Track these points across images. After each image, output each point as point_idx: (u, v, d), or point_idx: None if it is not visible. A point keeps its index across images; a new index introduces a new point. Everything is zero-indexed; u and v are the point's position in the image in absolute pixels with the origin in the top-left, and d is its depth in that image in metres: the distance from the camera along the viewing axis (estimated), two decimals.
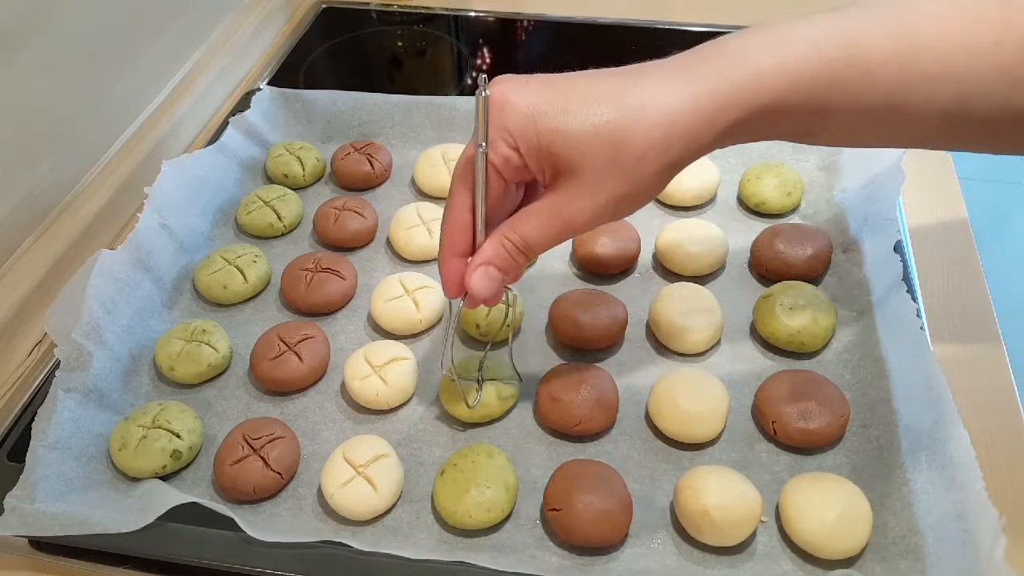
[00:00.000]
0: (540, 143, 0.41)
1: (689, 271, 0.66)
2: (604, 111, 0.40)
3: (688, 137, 0.40)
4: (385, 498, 0.51)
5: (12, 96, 0.63)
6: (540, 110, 0.41)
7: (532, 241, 0.45)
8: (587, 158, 0.41)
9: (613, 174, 0.41)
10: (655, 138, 0.40)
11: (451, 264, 0.47)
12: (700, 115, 0.39)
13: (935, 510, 0.47)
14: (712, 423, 0.54)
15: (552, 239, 0.44)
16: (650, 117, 0.40)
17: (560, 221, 0.44)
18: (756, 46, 0.40)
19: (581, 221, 0.43)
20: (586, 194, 0.42)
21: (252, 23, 0.93)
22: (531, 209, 0.45)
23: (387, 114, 0.81)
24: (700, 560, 0.49)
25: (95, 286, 0.59)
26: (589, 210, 0.42)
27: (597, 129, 0.40)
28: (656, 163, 0.41)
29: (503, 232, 0.45)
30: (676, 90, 0.40)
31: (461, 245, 0.46)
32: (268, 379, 0.59)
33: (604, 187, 0.41)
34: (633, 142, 0.40)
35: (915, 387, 0.53)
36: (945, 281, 0.66)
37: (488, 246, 0.45)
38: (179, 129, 0.81)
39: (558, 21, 1.01)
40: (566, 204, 0.43)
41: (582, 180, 0.42)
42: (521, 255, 0.45)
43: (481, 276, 0.46)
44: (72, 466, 0.53)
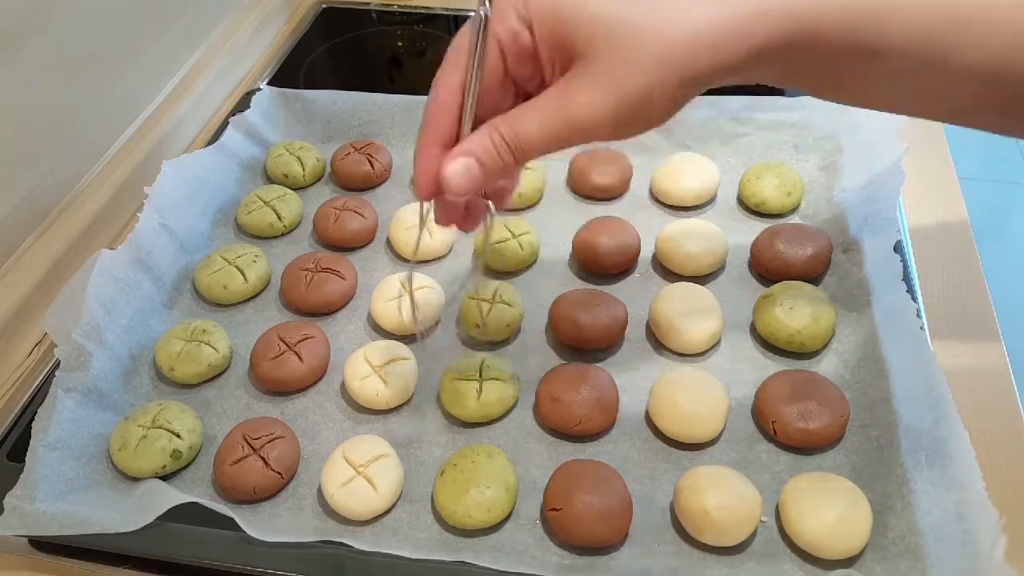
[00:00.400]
0: (559, 19, 0.37)
1: (689, 271, 0.66)
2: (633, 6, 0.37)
3: (715, 50, 0.37)
4: (385, 498, 0.51)
5: (12, 96, 0.63)
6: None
7: (526, 138, 0.39)
8: (606, 44, 0.37)
9: (631, 69, 0.37)
10: (680, 43, 0.37)
11: (430, 153, 0.41)
12: (731, 28, 0.37)
13: (935, 510, 0.47)
14: (712, 423, 0.54)
15: (550, 139, 0.39)
16: (680, 21, 0.37)
17: (563, 116, 0.38)
18: None
19: (586, 119, 0.38)
20: (596, 87, 0.37)
21: (252, 23, 0.93)
22: (529, 104, 0.39)
23: (387, 114, 0.81)
24: (700, 560, 0.49)
25: (95, 286, 0.59)
26: (595, 106, 0.38)
27: (622, 16, 0.37)
28: (679, 71, 0.37)
29: (495, 124, 0.39)
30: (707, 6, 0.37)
31: (444, 131, 0.41)
32: (268, 379, 0.59)
33: (617, 82, 0.37)
34: (658, 39, 0.36)
35: (915, 387, 0.53)
36: (945, 281, 0.66)
37: (474, 137, 0.40)
38: (179, 129, 0.81)
39: None
40: (570, 95, 0.38)
41: (593, 71, 0.37)
42: (510, 154, 0.40)
43: (459, 167, 0.39)
44: (72, 466, 0.53)
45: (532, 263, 0.69)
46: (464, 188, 0.40)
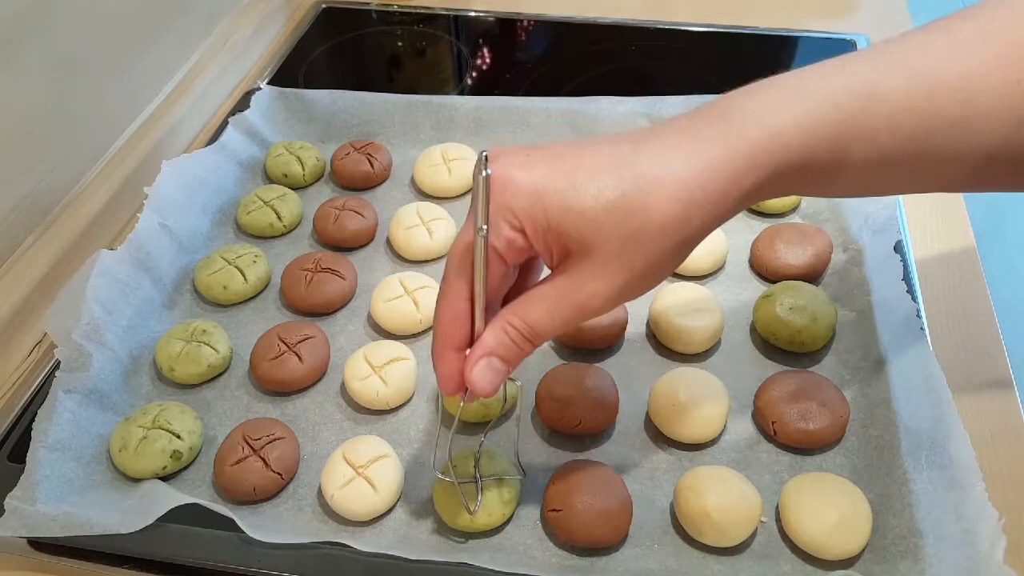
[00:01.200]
0: (549, 223, 0.38)
1: (689, 271, 0.66)
2: (617, 184, 0.37)
3: (708, 207, 0.37)
4: (385, 499, 0.51)
5: (12, 96, 0.63)
6: (547, 187, 0.37)
7: (540, 328, 0.40)
8: (602, 236, 0.37)
9: (630, 252, 0.37)
10: (675, 211, 0.36)
11: (448, 359, 0.42)
12: (720, 182, 0.37)
13: (935, 510, 0.47)
14: (712, 423, 0.54)
15: (562, 325, 0.40)
16: (668, 188, 0.36)
17: (572, 305, 0.39)
18: (768, 105, 0.37)
19: (596, 305, 0.39)
20: (601, 275, 0.38)
21: (252, 23, 0.93)
22: (537, 293, 0.40)
23: (387, 114, 0.81)
24: (700, 560, 0.49)
25: (95, 286, 0.59)
26: (605, 293, 0.39)
27: (612, 204, 0.36)
28: (676, 237, 0.37)
29: (506, 319, 0.40)
30: (691, 156, 0.37)
31: (458, 338, 0.41)
32: (268, 379, 0.59)
33: (621, 267, 0.38)
34: (651, 216, 0.36)
35: (915, 387, 0.53)
36: (945, 281, 0.66)
37: (489, 335, 0.41)
38: (179, 129, 0.81)
39: (558, 21, 1.01)
40: (578, 287, 0.39)
41: (596, 260, 0.38)
42: (527, 343, 0.41)
43: (483, 368, 0.41)
44: (72, 467, 0.53)
45: None
46: (491, 386, 0.41)
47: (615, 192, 0.37)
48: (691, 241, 0.38)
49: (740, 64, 0.92)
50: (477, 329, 0.41)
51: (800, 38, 0.94)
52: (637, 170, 0.37)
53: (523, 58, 0.98)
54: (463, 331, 0.41)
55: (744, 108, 0.38)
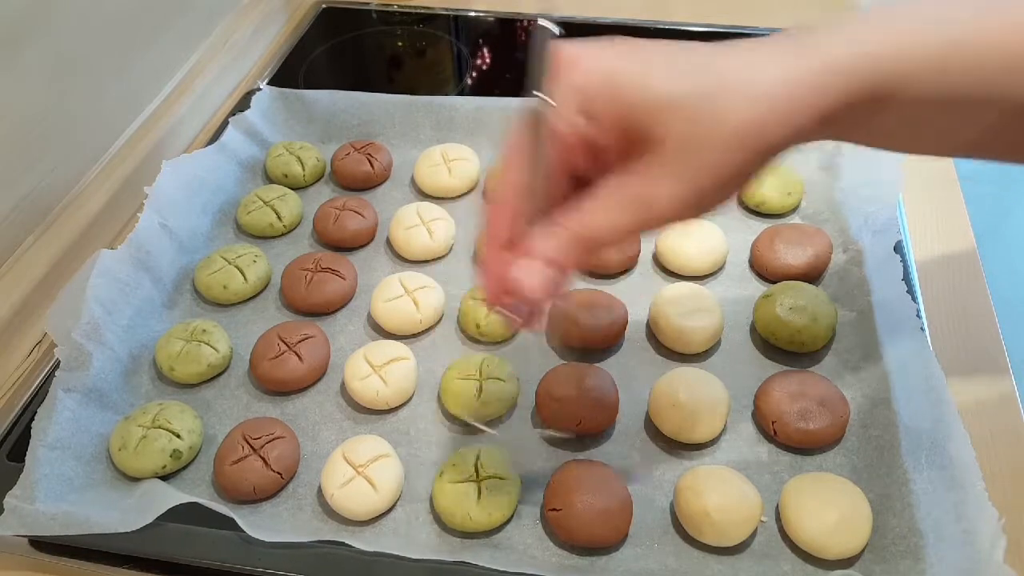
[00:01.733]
0: (620, 107, 0.34)
1: (689, 271, 0.66)
2: (697, 76, 0.34)
3: (786, 118, 0.34)
4: (385, 498, 0.51)
5: (12, 96, 0.63)
6: (622, 66, 0.34)
7: (599, 232, 0.36)
8: (674, 127, 0.34)
9: (704, 148, 0.34)
10: (752, 114, 0.34)
11: (496, 258, 0.38)
12: (803, 92, 0.34)
13: (935, 510, 0.47)
14: (712, 423, 0.54)
15: (625, 230, 0.36)
16: (749, 88, 0.34)
17: (634, 206, 0.35)
18: (857, 28, 0.35)
19: (661, 207, 0.35)
20: (669, 172, 0.35)
21: (252, 23, 0.93)
22: (597, 193, 0.36)
23: (387, 114, 0.81)
24: (700, 560, 0.49)
25: (95, 286, 0.59)
26: (671, 193, 0.35)
27: (687, 94, 0.34)
28: (750, 145, 0.34)
29: (561, 220, 0.37)
30: (775, 63, 0.34)
31: (508, 235, 0.38)
32: (268, 379, 0.59)
33: (692, 164, 0.34)
34: (730, 114, 0.33)
35: (915, 387, 0.53)
36: (945, 281, 0.66)
37: (543, 236, 0.37)
38: (179, 129, 0.81)
39: (558, 21, 1.00)
40: (642, 185, 0.35)
41: (665, 156, 0.34)
42: (580, 247, 0.37)
43: (530, 272, 0.37)
44: (72, 466, 0.53)
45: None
46: (541, 291, 0.37)
47: (692, 82, 0.34)
48: (764, 154, 0.35)
49: None
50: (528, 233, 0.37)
51: None
52: (716, 67, 0.34)
53: (523, 58, 0.97)
54: (512, 226, 0.38)
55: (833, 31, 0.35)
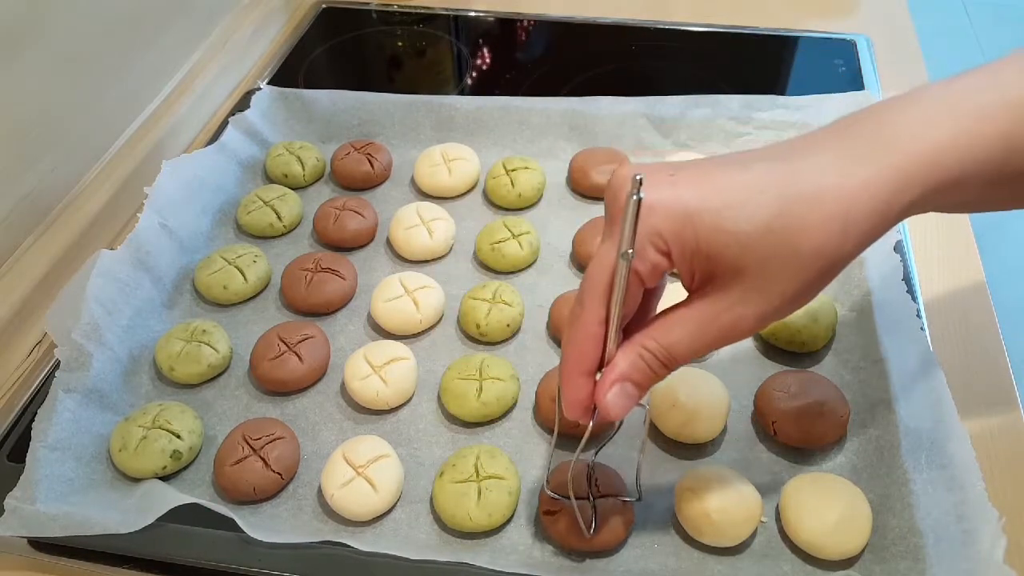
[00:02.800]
0: (698, 245, 0.36)
1: None
2: (773, 202, 0.35)
3: (865, 225, 0.36)
4: (385, 498, 0.51)
5: (12, 96, 0.63)
6: (697, 207, 0.36)
7: (679, 353, 0.39)
8: (756, 259, 0.36)
9: (785, 274, 0.36)
10: (831, 232, 0.35)
11: (578, 384, 0.40)
12: (875, 202, 0.35)
13: (935, 510, 0.47)
14: (712, 423, 0.54)
15: (703, 350, 0.39)
16: (826, 207, 0.35)
17: (717, 329, 0.38)
18: (921, 121, 0.36)
19: (744, 329, 0.38)
20: (752, 298, 0.37)
21: (252, 23, 0.93)
22: (676, 317, 0.39)
23: (387, 114, 0.81)
24: (700, 561, 0.49)
25: (95, 286, 0.59)
26: (755, 316, 0.37)
27: (767, 226, 0.35)
28: (832, 257, 0.36)
29: (642, 343, 0.39)
30: (846, 174, 0.36)
31: (590, 362, 0.40)
32: (268, 379, 0.59)
33: (774, 289, 0.36)
34: (808, 236, 0.35)
35: (915, 387, 0.53)
36: (945, 281, 0.66)
37: (623, 359, 0.39)
38: (179, 129, 0.81)
39: (558, 21, 1.01)
40: (726, 311, 0.37)
41: (746, 283, 0.36)
42: (663, 368, 0.39)
43: (617, 394, 0.39)
44: (72, 466, 0.53)
45: (532, 263, 0.69)
46: (624, 411, 0.40)
47: (770, 213, 0.35)
48: (844, 262, 0.37)
49: (740, 64, 0.92)
50: (608, 352, 0.40)
51: (800, 38, 0.94)
52: (792, 190, 0.36)
53: (523, 58, 0.98)
54: (595, 356, 0.40)
55: (896, 123, 0.37)
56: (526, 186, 0.73)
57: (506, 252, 0.67)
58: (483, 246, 0.68)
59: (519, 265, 0.68)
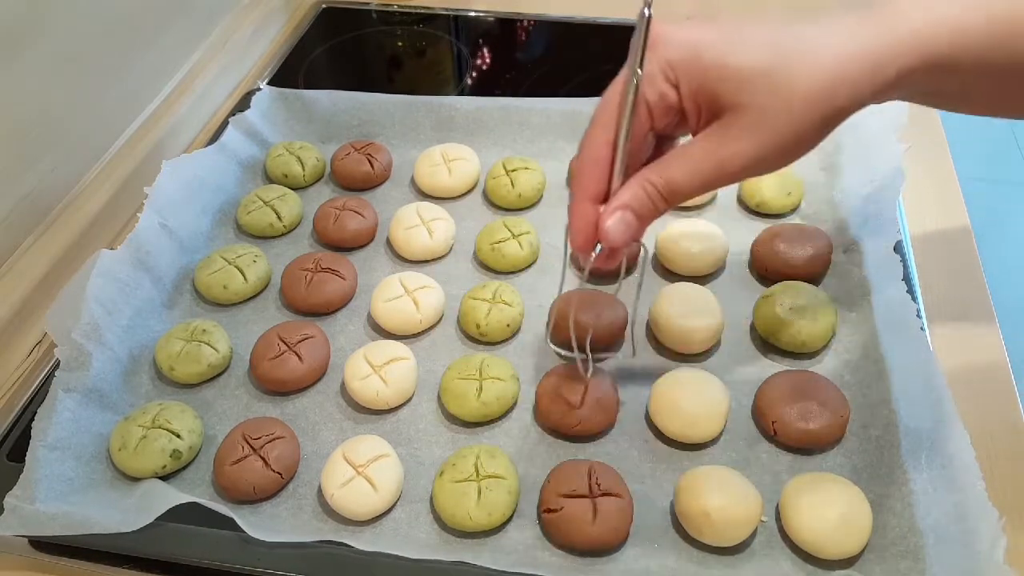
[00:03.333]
0: (704, 79, 0.39)
1: (689, 271, 0.66)
2: (774, 48, 0.39)
3: (854, 83, 0.39)
4: (385, 498, 0.51)
5: (12, 96, 0.63)
6: (705, 43, 0.39)
7: (678, 185, 0.41)
8: (753, 96, 0.39)
9: (779, 114, 0.39)
10: (824, 80, 0.38)
11: (583, 208, 0.43)
12: (867, 61, 0.38)
13: (935, 510, 0.47)
14: (712, 423, 0.54)
15: (701, 184, 0.41)
16: (820, 59, 0.38)
17: (713, 164, 0.40)
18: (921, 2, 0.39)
19: (737, 166, 0.40)
20: (747, 136, 0.39)
21: (252, 23, 0.93)
22: (678, 152, 0.42)
23: (387, 114, 0.81)
24: (700, 560, 0.49)
25: (95, 286, 0.59)
26: (747, 153, 0.40)
27: (767, 65, 0.38)
28: (823, 107, 0.39)
29: (645, 175, 0.42)
30: (844, 35, 0.39)
31: (596, 188, 0.43)
32: (268, 379, 0.59)
33: (767, 128, 0.39)
34: (803, 81, 0.38)
35: (915, 387, 0.53)
36: (945, 281, 0.66)
37: (627, 190, 0.42)
38: (179, 129, 0.81)
39: (558, 21, 1.01)
40: (722, 146, 0.40)
41: (743, 121, 0.39)
42: (663, 201, 0.42)
43: (618, 221, 0.42)
44: (72, 466, 0.53)
45: (532, 263, 0.69)
46: (623, 239, 0.43)
47: (771, 54, 0.39)
48: (833, 117, 0.39)
49: None
50: (614, 185, 0.42)
51: None
52: (794, 40, 0.39)
53: (523, 58, 0.98)
54: (601, 182, 0.42)
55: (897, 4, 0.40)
56: (526, 186, 0.73)
57: (506, 252, 0.67)
58: (483, 246, 0.68)
59: (519, 265, 0.68)
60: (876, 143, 0.69)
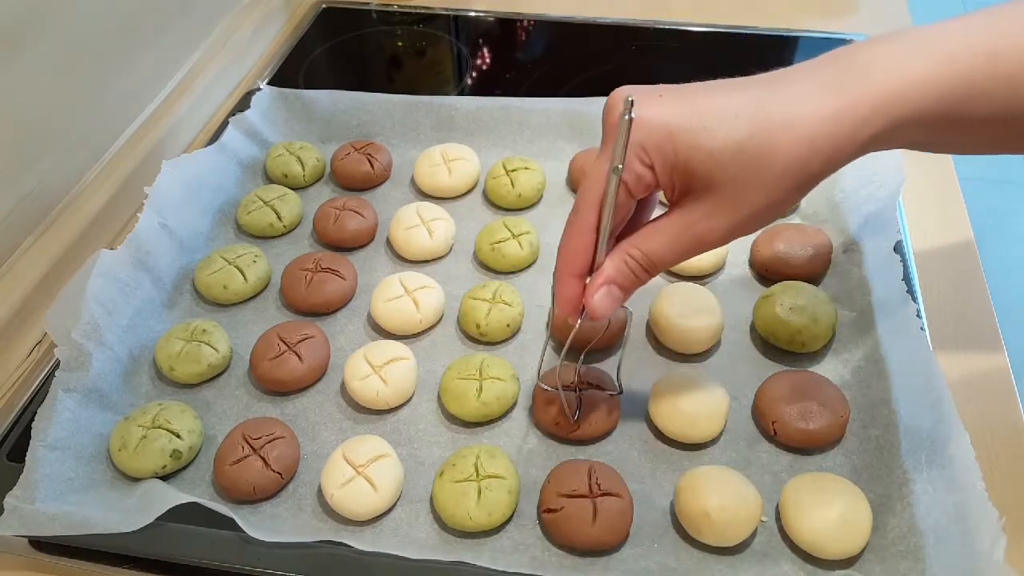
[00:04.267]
0: (677, 160, 0.41)
1: (689, 271, 0.66)
2: (745, 125, 0.39)
3: (829, 151, 0.39)
4: (385, 498, 0.51)
5: (12, 96, 0.63)
6: (678, 125, 0.40)
7: (658, 259, 0.44)
8: (728, 174, 0.40)
9: (753, 190, 0.40)
10: (798, 153, 0.39)
11: (569, 284, 0.46)
12: (841, 130, 0.39)
13: (935, 510, 0.47)
14: (712, 423, 0.54)
15: (679, 257, 0.44)
16: (794, 131, 0.39)
17: (691, 238, 0.43)
18: (892, 59, 0.39)
19: (715, 238, 0.43)
20: (722, 211, 0.41)
21: (252, 23, 0.93)
22: (656, 227, 0.44)
23: (387, 114, 0.81)
24: (700, 560, 0.49)
25: (95, 286, 0.59)
26: (724, 227, 0.42)
27: (739, 145, 0.39)
28: (797, 178, 0.40)
29: (626, 250, 0.44)
30: (817, 103, 0.39)
31: (580, 265, 0.45)
32: (268, 379, 0.59)
33: (743, 203, 0.41)
34: (776, 157, 0.39)
35: (915, 387, 0.53)
36: (945, 281, 0.66)
37: (610, 264, 0.45)
38: (179, 129, 0.81)
39: (558, 21, 1.01)
40: (699, 221, 0.42)
41: (718, 197, 0.41)
42: (645, 273, 0.45)
43: (603, 296, 0.45)
44: (72, 466, 0.53)
45: (532, 263, 0.69)
46: (609, 311, 0.45)
47: (743, 134, 0.39)
48: (808, 184, 0.41)
49: (740, 64, 0.91)
50: (599, 259, 0.45)
51: (800, 38, 0.95)
52: (765, 115, 0.39)
53: (523, 58, 0.98)
54: (585, 259, 0.45)
55: (867, 62, 0.40)
56: (526, 186, 0.73)
57: (506, 252, 0.67)
58: (483, 246, 0.68)
59: (519, 265, 0.68)
60: None
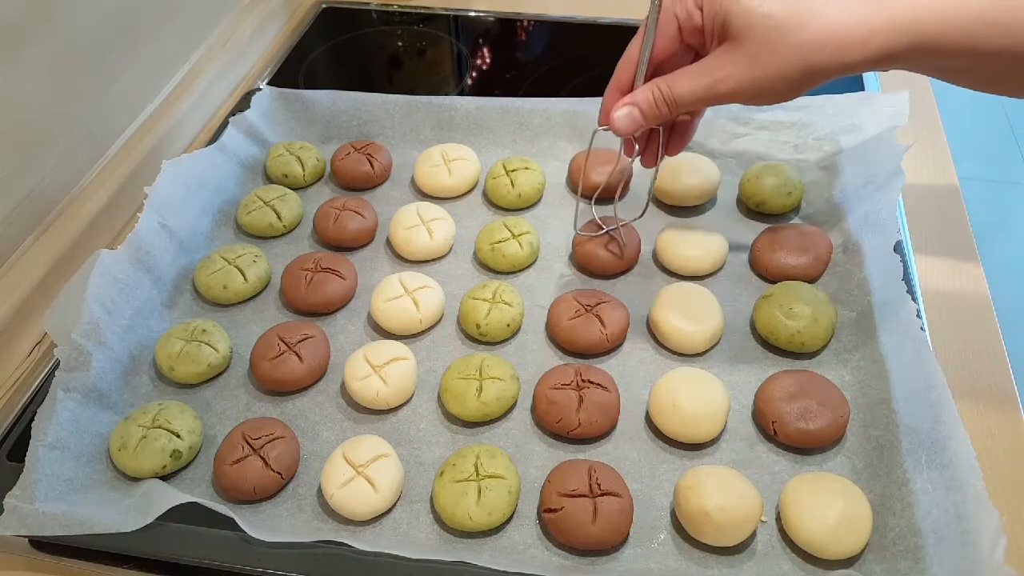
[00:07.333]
0: (720, 7, 0.48)
1: (689, 271, 0.66)
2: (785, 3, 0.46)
3: (840, 47, 0.45)
4: (385, 498, 0.51)
5: (13, 95, 0.63)
6: None
7: (677, 94, 0.51)
8: (753, 33, 0.47)
9: (769, 55, 0.47)
10: (815, 37, 0.46)
11: (610, 95, 0.55)
12: (858, 32, 0.45)
13: (935, 510, 0.47)
14: (712, 423, 0.54)
15: (696, 98, 0.50)
16: (818, 17, 0.46)
17: (708, 80, 0.49)
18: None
19: (725, 88, 0.49)
20: (740, 63, 0.48)
21: (252, 23, 0.93)
22: (686, 68, 0.51)
23: (387, 114, 0.81)
24: (700, 560, 0.49)
25: (95, 286, 0.59)
26: (736, 78, 0.48)
27: (771, 11, 0.46)
28: (808, 59, 0.46)
29: (655, 83, 0.52)
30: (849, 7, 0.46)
31: (624, 82, 0.54)
32: (268, 379, 0.59)
33: (756, 63, 0.47)
34: (796, 33, 0.46)
35: (915, 387, 0.53)
36: (945, 281, 0.66)
37: (640, 91, 0.52)
38: (179, 129, 0.81)
39: (558, 21, 1.01)
40: (718, 67, 0.49)
41: (739, 51, 0.48)
42: (664, 105, 0.51)
43: (624, 114, 0.53)
44: (72, 466, 0.53)
45: (532, 263, 0.69)
46: (626, 129, 0.53)
47: (780, 7, 0.46)
48: (813, 73, 0.47)
49: None
50: (636, 84, 0.53)
51: None
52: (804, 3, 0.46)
53: (523, 58, 0.98)
54: (629, 78, 0.54)
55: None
56: (526, 186, 0.73)
57: (506, 252, 0.67)
58: (483, 246, 0.68)
59: (519, 265, 0.68)
60: (876, 143, 0.69)
